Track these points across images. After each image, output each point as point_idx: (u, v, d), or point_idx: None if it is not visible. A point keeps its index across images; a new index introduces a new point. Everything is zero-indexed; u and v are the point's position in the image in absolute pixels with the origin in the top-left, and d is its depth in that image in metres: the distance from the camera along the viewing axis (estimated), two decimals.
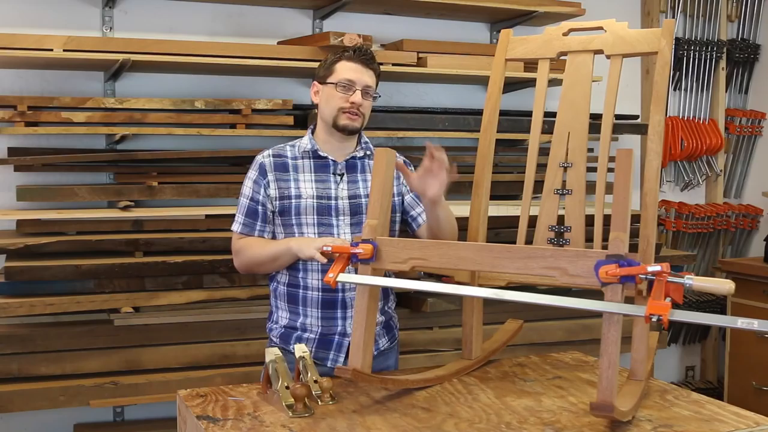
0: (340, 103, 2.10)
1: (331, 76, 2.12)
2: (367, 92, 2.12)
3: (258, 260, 2.13)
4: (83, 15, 2.92)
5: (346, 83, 2.09)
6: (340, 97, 2.10)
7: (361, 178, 2.16)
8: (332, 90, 2.11)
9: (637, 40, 1.96)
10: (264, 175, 2.14)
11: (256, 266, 2.16)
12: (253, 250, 2.13)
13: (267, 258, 2.11)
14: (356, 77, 2.10)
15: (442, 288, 1.80)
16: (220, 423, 1.64)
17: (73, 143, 2.90)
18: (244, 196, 2.16)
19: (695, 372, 4.26)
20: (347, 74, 2.10)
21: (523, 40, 2.12)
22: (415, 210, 2.23)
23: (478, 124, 2.18)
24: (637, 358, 1.87)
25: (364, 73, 2.12)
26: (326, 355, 2.14)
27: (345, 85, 2.09)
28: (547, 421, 1.67)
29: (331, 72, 2.12)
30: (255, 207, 2.14)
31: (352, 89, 2.09)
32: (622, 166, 1.60)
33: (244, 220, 2.16)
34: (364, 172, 2.16)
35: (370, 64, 2.13)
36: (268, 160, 2.15)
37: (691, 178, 4.12)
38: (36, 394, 2.54)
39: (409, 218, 2.24)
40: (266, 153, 2.18)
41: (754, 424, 1.65)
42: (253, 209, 2.15)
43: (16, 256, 2.58)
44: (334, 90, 2.10)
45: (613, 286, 1.54)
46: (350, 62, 2.11)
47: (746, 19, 4.16)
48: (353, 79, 2.10)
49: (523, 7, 3.24)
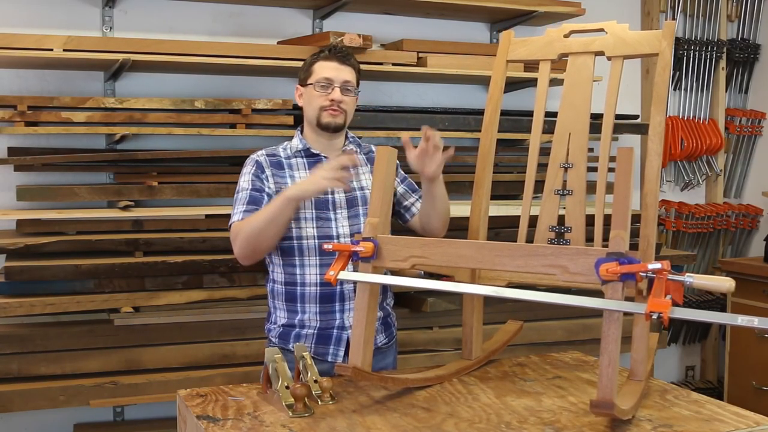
0: (320, 102, 2.14)
1: (310, 77, 2.17)
2: (346, 88, 2.16)
3: (256, 229, 2.04)
4: (83, 15, 2.92)
5: (324, 82, 2.14)
6: (319, 96, 2.14)
7: (354, 171, 2.17)
8: (312, 90, 2.16)
9: (637, 41, 1.96)
10: (262, 170, 2.15)
11: (256, 239, 2.05)
12: (249, 223, 2.06)
13: (264, 221, 2.02)
14: (333, 75, 2.15)
15: (443, 286, 1.80)
16: (220, 423, 1.64)
17: (73, 143, 2.90)
18: (244, 189, 2.14)
19: (695, 372, 4.26)
20: (324, 73, 2.15)
21: (524, 42, 2.12)
22: (408, 200, 2.26)
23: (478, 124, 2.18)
24: (637, 358, 1.87)
25: (342, 70, 2.16)
26: (326, 350, 2.14)
27: (324, 84, 2.14)
28: (547, 421, 1.67)
29: (310, 74, 2.18)
30: (257, 195, 2.12)
31: (331, 87, 2.14)
32: (623, 163, 1.60)
33: (245, 208, 2.10)
34: (355, 166, 2.18)
35: (346, 61, 2.18)
36: (263, 158, 2.18)
37: (691, 178, 4.12)
38: (36, 394, 2.53)
39: (402, 209, 2.26)
40: (260, 152, 2.21)
41: (754, 424, 1.65)
42: (256, 197, 2.12)
43: (16, 256, 2.58)
44: (314, 90, 2.15)
45: (613, 284, 1.54)
46: (326, 61, 2.17)
47: (746, 19, 4.16)
48: (331, 77, 2.14)
49: (523, 7, 3.24)
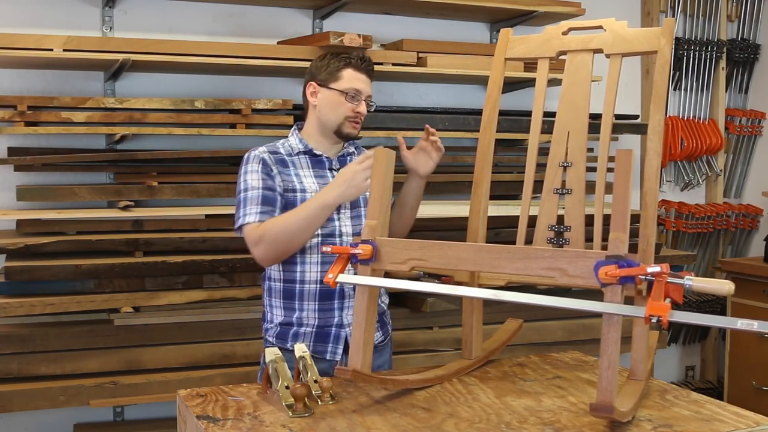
0: (346, 112, 2.13)
1: (337, 82, 2.13)
2: (369, 102, 2.18)
3: (290, 234, 2.00)
4: (83, 15, 2.92)
5: (354, 93, 2.13)
6: (348, 107, 2.13)
7: None
8: (338, 97, 2.13)
9: (636, 39, 1.96)
10: (270, 168, 2.10)
11: (289, 243, 2.02)
12: (278, 226, 2.00)
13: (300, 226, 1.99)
14: (362, 87, 2.15)
15: (442, 288, 1.80)
16: (220, 423, 1.64)
17: (73, 143, 2.90)
18: (253, 188, 2.06)
19: (695, 372, 4.26)
20: (355, 84, 2.13)
21: (522, 40, 2.12)
22: None
23: (478, 124, 2.18)
24: (637, 358, 1.87)
25: (368, 84, 2.17)
26: (324, 348, 2.14)
27: (353, 95, 2.13)
28: (547, 421, 1.67)
29: (336, 78, 2.13)
30: (271, 195, 2.07)
31: (359, 99, 2.13)
32: (622, 166, 1.60)
33: (261, 209, 2.04)
34: None
35: (372, 74, 2.19)
36: (266, 155, 2.12)
37: (691, 178, 4.12)
38: (36, 394, 2.54)
39: None
40: (261, 149, 2.15)
41: (754, 424, 1.65)
42: (270, 198, 2.06)
43: (16, 256, 2.58)
44: (339, 97, 2.12)
45: (612, 287, 1.54)
46: (358, 72, 2.15)
47: (746, 19, 4.16)
48: (360, 90, 2.14)
49: (523, 7, 3.24)
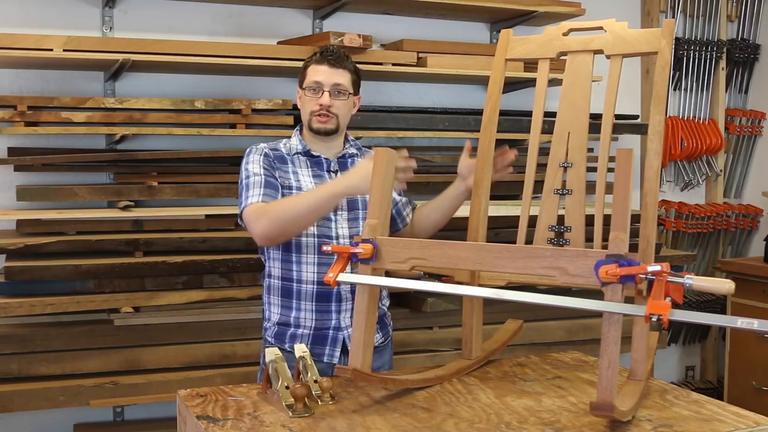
0: (311, 107, 2.13)
1: (304, 81, 2.15)
2: (338, 91, 2.12)
3: (295, 214, 1.98)
4: (83, 15, 2.92)
5: (314, 86, 2.12)
6: (309, 101, 2.13)
7: None
8: (304, 95, 2.15)
9: (637, 40, 1.96)
10: (271, 161, 2.12)
11: (292, 222, 2.00)
12: (283, 205, 2.00)
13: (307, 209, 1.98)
14: (323, 78, 2.11)
15: (442, 288, 1.80)
16: (220, 423, 1.64)
17: (73, 143, 2.90)
18: (256, 174, 2.07)
19: (695, 372, 4.26)
20: (314, 77, 2.13)
21: (523, 40, 2.12)
22: (405, 211, 2.28)
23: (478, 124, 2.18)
24: (637, 358, 1.87)
25: (333, 73, 2.12)
26: (321, 350, 2.13)
27: (314, 88, 2.12)
28: (547, 421, 1.67)
29: (303, 77, 2.16)
30: (274, 182, 2.08)
31: (321, 91, 2.11)
32: (623, 166, 1.60)
33: (265, 191, 2.04)
34: None
35: (338, 64, 2.13)
36: (268, 150, 2.15)
37: (691, 178, 4.12)
38: (36, 394, 2.54)
39: (398, 217, 2.26)
40: (262, 145, 2.17)
41: (754, 424, 1.65)
42: (273, 183, 2.07)
43: (16, 256, 2.58)
44: (305, 95, 2.14)
45: (613, 286, 1.54)
46: (318, 65, 2.14)
47: (746, 19, 4.16)
48: (320, 81, 2.11)
49: (523, 7, 3.24)
